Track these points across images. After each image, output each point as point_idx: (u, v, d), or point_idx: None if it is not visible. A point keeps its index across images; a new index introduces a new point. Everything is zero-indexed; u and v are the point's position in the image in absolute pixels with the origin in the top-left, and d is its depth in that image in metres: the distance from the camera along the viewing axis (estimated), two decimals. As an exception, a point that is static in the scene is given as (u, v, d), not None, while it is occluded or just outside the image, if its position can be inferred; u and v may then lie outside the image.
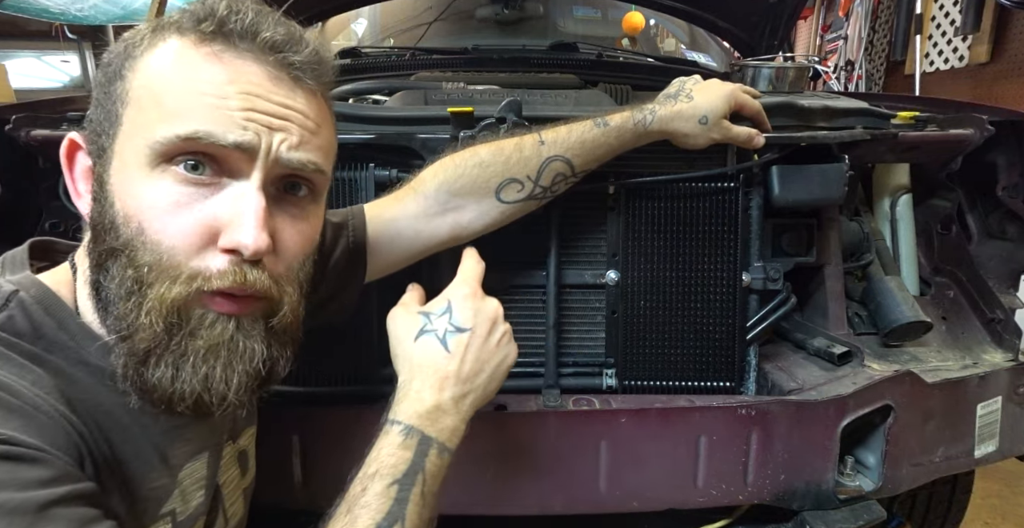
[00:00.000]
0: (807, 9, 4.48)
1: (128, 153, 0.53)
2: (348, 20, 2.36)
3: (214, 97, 0.52)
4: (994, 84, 3.00)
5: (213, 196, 0.53)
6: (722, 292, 1.04)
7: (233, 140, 0.52)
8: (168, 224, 0.52)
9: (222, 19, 0.53)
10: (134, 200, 0.52)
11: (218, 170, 0.54)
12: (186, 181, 0.52)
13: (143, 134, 0.52)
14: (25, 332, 0.53)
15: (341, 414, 0.93)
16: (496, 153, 0.87)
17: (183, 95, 0.52)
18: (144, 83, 0.53)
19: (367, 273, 0.85)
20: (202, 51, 0.53)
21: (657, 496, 0.96)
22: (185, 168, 0.52)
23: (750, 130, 0.95)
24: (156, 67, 0.54)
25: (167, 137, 0.51)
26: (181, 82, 0.52)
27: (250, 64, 0.54)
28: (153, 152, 0.52)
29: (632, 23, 2.16)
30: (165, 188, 0.52)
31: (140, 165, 0.52)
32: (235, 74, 0.53)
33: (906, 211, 1.27)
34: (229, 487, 0.72)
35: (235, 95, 0.53)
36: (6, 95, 4.78)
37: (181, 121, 0.51)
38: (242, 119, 0.53)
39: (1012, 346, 1.16)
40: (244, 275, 0.53)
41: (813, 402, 0.95)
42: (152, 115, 0.52)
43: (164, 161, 0.52)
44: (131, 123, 0.53)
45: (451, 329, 0.68)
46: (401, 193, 0.87)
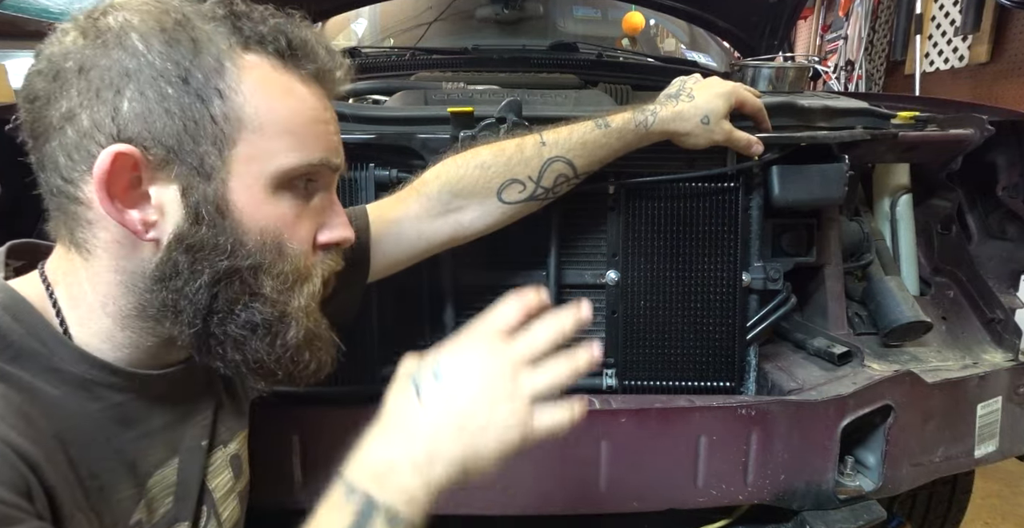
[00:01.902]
0: (807, 9, 4.48)
1: (250, 177, 0.56)
2: (348, 20, 2.36)
3: (322, 124, 0.60)
4: (994, 84, 3.00)
5: (310, 203, 0.61)
6: (722, 292, 1.04)
7: (337, 163, 0.62)
8: (296, 234, 0.59)
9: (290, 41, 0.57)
10: (267, 219, 0.57)
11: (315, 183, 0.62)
12: (301, 195, 0.60)
13: (271, 160, 0.56)
14: None
15: (341, 414, 0.93)
16: (497, 154, 0.87)
17: (303, 126, 0.58)
18: (262, 109, 0.55)
19: (370, 273, 0.85)
20: (293, 77, 0.58)
21: (657, 496, 0.96)
22: (303, 185, 0.60)
23: (750, 136, 0.95)
24: (267, 93, 0.56)
25: (299, 165, 0.57)
26: (298, 112, 0.57)
27: (319, 86, 0.60)
28: (283, 177, 0.57)
29: (632, 23, 2.16)
30: (287, 204, 0.58)
31: (265, 187, 0.57)
32: (321, 100, 0.60)
33: (906, 211, 1.27)
34: (222, 491, 0.71)
35: (330, 120, 0.61)
36: (6, 95, 4.77)
37: (306, 151, 0.58)
38: (337, 142, 0.62)
39: (1012, 346, 1.16)
40: (339, 259, 0.67)
41: (813, 402, 0.95)
42: (280, 143, 0.56)
43: (287, 183, 0.58)
44: (252, 147, 0.55)
45: (428, 375, 0.56)
46: (403, 194, 0.87)
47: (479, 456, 0.54)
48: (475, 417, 0.54)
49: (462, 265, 1.01)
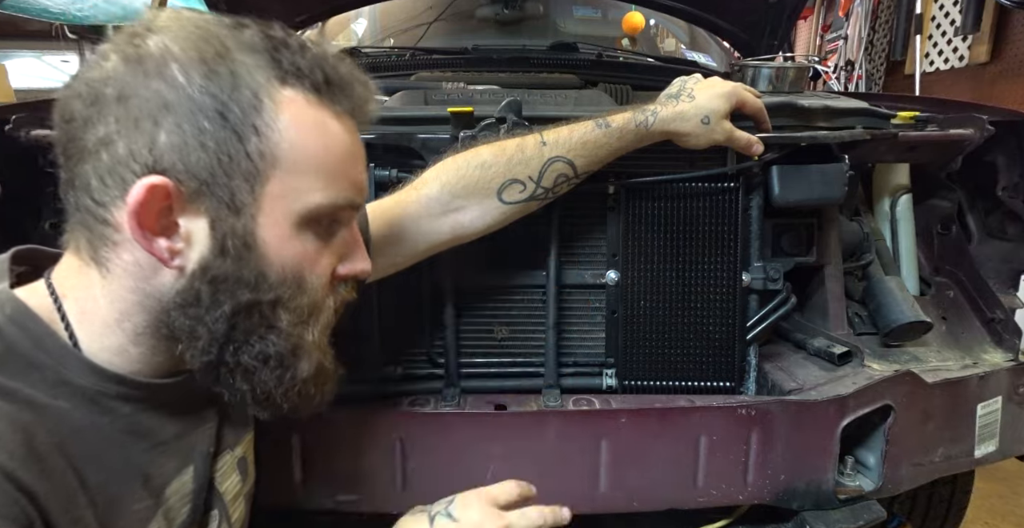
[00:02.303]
0: (807, 9, 4.47)
1: (278, 213, 0.56)
2: (348, 20, 2.36)
3: (351, 161, 0.61)
4: (994, 84, 3.00)
5: (332, 238, 0.62)
6: (722, 292, 1.04)
7: (360, 202, 0.63)
8: (316, 270, 0.61)
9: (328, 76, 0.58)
10: (292, 254, 0.58)
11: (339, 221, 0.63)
12: (322, 233, 0.60)
13: (298, 198, 0.57)
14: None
15: (341, 414, 0.93)
16: (498, 154, 0.87)
17: (333, 164, 0.58)
18: (295, 147, 0.55)
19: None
20: (326, 113, 0.58)
21: (657, 496, 0.96)
22: (326, 223, 0.60)
23: (750, 136, 0.95)
24: (300, 130, 0.55)
25: (326, 205, 0.58)
26: (329, 150, 0.58)
27: (350, 121, 0.61)
28: (310, 216, 0.58)
29: (632, 23, 2.16)
30: (312, 241, 0.59)
31: (291, 223, 0.57)
32: (352, 135, 0.61)
33: (906, 211, 1.27)
34: (231, 494, 0.72)
35: (359, 156, 0.62)
36: (6, 95, 4.77)
37: (335, 190, 0.59)
38: (362, 181, 0.63)
39: (1012, 346, 1.16)
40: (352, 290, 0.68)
41: (813, 402, 0.95)
42: (309, 182, 0.57)
43: (313, 219, 0.58)
44: (284, 185, 0.55)
45: (443, 513, 0.69)
46: (403, 193, 0.87)
47: None
48: None
49: (462, 265, 1.01)
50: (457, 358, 1.05)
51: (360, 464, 0.93)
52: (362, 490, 0.93)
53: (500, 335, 1.06)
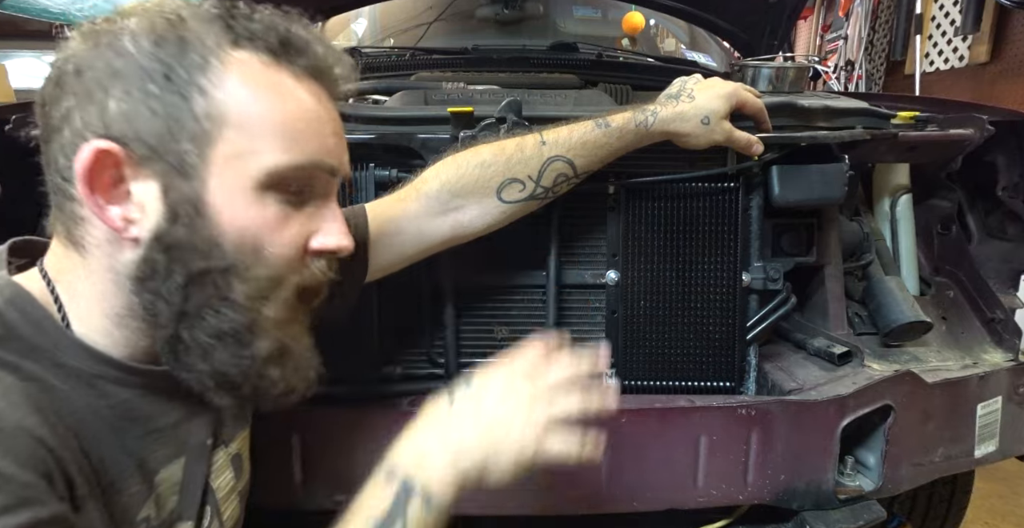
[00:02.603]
0: (807, 9, 4.47)
1: (233, 176, 0.54)
2: (348, 20, 2.36)
3: (316, 123, 0.58)
4: (994, 84, 3.00)
5: (304, 208, 0.59)
6: (722, 292, 1.04)
7: (331, 165, 0.60)
8: (278, 238, 0.57)
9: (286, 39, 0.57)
10: (247, 220, 0.55)
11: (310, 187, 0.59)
12: (290, 201, 0.57)
13: (255, 159, 0.55)
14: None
15: (341, 414, 0.93)
16: (497, 153, 0.87)
17: (293, 124, 0.56)
18: (244, 106, 0.54)
19: (368, 272, 0.85)
20: (284, 73, 0.57)
21: (657, 496, 0.96)
22: (294, 190, 0.57)
23: (750, 136, 0.95)
24: (251, 90, 0.54)
25: (288, 166, 0.56)
26: (285, 109, 0.56)
27: (317, 85, 0.59)
28: (269, 178, 0.55)
29: (632, 23, 2.16)
30: (273, 208, 0.56)
31: (248, 188, 0.55)
32: (317, 98, 0.58)
33: (906, 211, 1.27)
34: (224, 491, 0.71)
35: (328, 121, 0.59)
36: (6, 95, 4.77)
37: (298, 151, 0.56)
38: (335, 146, 0.60)
39: (1012, 346, 1.16)
40: (328, 271, 0.63)
41: (813, 402, 0.95)
42: (265, 142, 0.55)
43: (275, 184, 0.56)
44: (235, 145, 0.54)
45: (463, 387, 0.65)
46: (403, 192, 0.87)
47: (497, 463, 0.60)
48: (495, 429, 0.61)
49: (462, 265, 1.01)
50: (457, 358, 1.05)
51: (360, 464, 0.92)
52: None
53: (500, 335, 1.06)
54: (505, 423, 0.61)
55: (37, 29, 6.62)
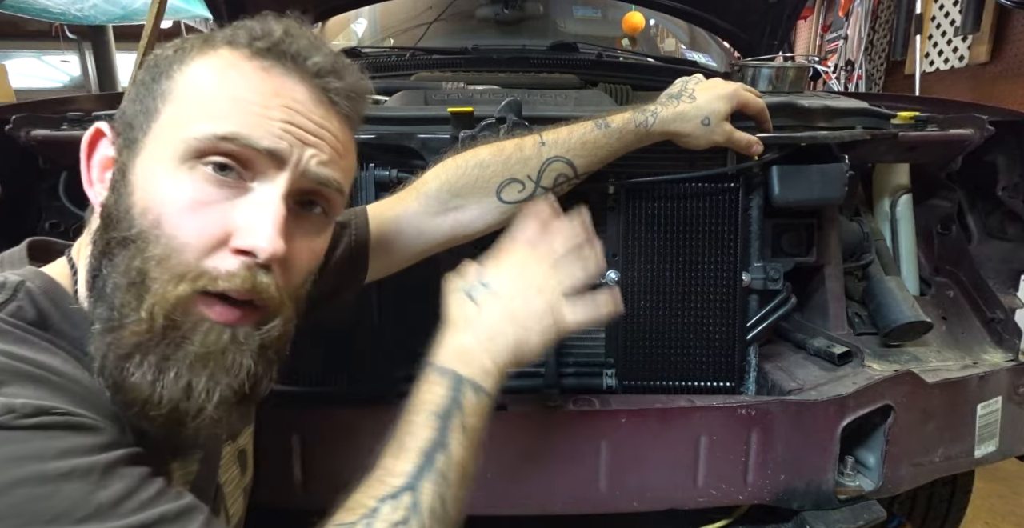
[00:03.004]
0: (807, 9, 4.47)
1: (160, 146, 0.54)
2: (348, 20, 2.36)
3: (257, 106, 0.54)
4: (994, 84, 3.00)
5: (235, 199, 0.54)
6: (722, 292, 1.04)
7: (267, 146, 0.54)
8: (186, 220, 0.52)
9: (277, 40, 0.57)
10: (156, 193, 0.53)
11: (244, 175, 0.55)
12: (212, 181, 0.53)
13: (180, 129, 0.53)
14: (34, 322, 0.53)
15: (341, 414, 0.94)
16: (496, 153, 0.87)
17: (227, 99, 0.54)
18: (190, 83, 0.55)
19: (368, 272, 0.85)
20: (252, 64, 0.56)
21: (657, 496, 0.96)
22: (214, 169, 0.53)
23: (750, 137, 0.95)
24: (205, 71, 0.56)
25: (204, 134, 0.52)
26: (228, 87, 0.55)
27: (296, 83, 0.57)
28: (187, 147, 0.53)
29: (632, 23, 2.16)
30: (190, 184, 0.53)
31: (169, 158, 0.53)
32: (280, 88, 0.56)
33: (906, 211, 1.27)
34: (230, 486, 0.72)
35: (277, 107, 0.55)
36: (6, 95, 4.78)
37: (221, 122, 0.53)
38: (280, 129, 0.55)
39: (1012, 346, 1.16)
40: (253, 278, 0.53)
41: (813, 402, 0.95)
42: (193, 113, 0.54)
43: (194, 158, 0.53)
44: (169, 118, 0.55)
45: (477, 285, 0.69)
46: (403, 193, 0.88)
47: (528, 340, 0.67)
48: (519, 310, 0.67)
49: (462, 265, 1.01)
50: (457, 358, 1.05)
51: (360, 464, 0.93)
52: (362, 490, 0.93)
53: (500, 335, 1.06)
54: (526, 306, 0.67)
55: (37, 29, 6.64)
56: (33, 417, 0.46)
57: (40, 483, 0.44)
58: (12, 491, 0.43)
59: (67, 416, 0.47)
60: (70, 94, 5.39)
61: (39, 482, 0.44)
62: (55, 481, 0.44)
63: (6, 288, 0.54)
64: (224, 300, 0.53)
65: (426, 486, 0.57)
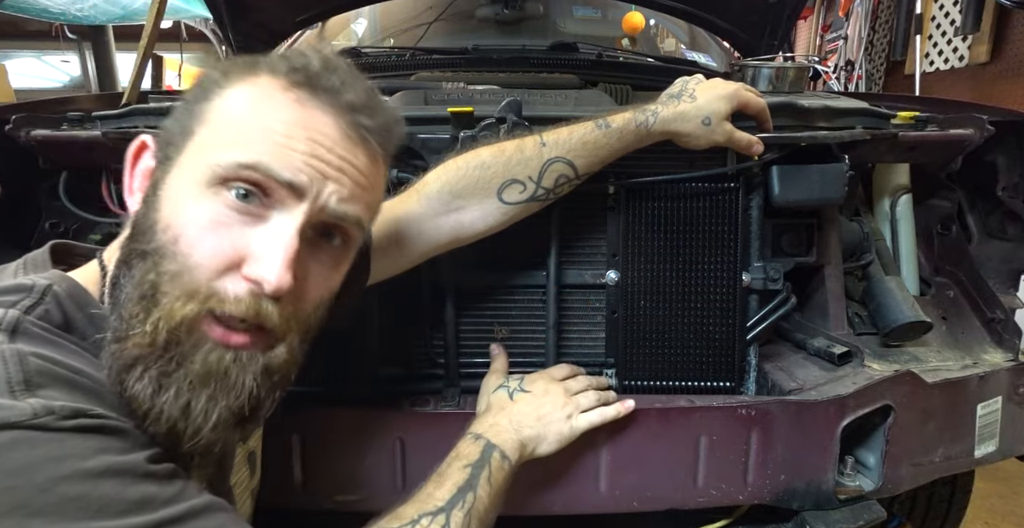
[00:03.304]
0: (807, 9, 4.48)
1: (189, 167, 0.56)
2: (348, 20, 2.36)
3: (282, 136, 0.55)
4: (994, 84, 3.00)
5: (253, 226, 0.55)
6: (722, 292, 1.04)
7: (288, 178, 0.55)
8: (202, 240, 0.54)
9: (315, 73, 0.58)
10: (180, 211, 0.55)
11: (266, 202, 0.55)
12: (232, 206, 0.55)
13: (209, 154, 0.55)
14: (60, 325, 0.55)
15: (341, 414, 0.94)
16: (497, 154, 0.87)
17: (256, 128, 0.56)
18: (225, 109, 0.57)
19: (371, 275, 0.85)
20: (287, 95, 0.57)
21: (657, 496, 0.96)
22: (236, 195, 0.54)
23: (751, 137, 0.95)
24: (241, 98, 0.58)
25: (229, 161, 0.54)
26: (257, 116, 0.56)
27: (326, 116, 0.58)
28: (212, 173, 0.54)
29: (632, 23, 2.16)
30: (211, 207, 0.54)
31: (196, 181, 0.55)
32: (308, 121, 0.57)
33: (906, 211, 1.27)
34: (239, 488, 0.72)
35: (302, 139, 0.56)
36: (6, 95, 4.77)
37: (245, 150, 0.54)
38: (302, 162, 0.56)
39: (1012, 346, 1.16)
40: (258, 307, 0.54)
41: (813, 402, 0.95)
42: (222, 139, 0.56)
43: (219, 183, 0.54)
44: (201, 141, 0.57)
45: (518, 389, 0.92)
46: (404, 195, 0.88)
47: (547, 435, 0.87)
48: (543, 413, 0.88)
49: (462, 265, 1.01)
50: (457, 358, 1.05)
51: (360, 464, 0.93)
52: (362, 490, 0.93)
53: (500, 335, 1.06)
54: (549, 408, 0.88)
55: (37, 29, 6.63)
56: (72, 419, 0.47)
57: (80, 481, 0.45)
58: (53, 489, 0.44)
59: (101, 419, 0.49)
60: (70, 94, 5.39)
61: (79, 480, 0.45)
62: (94, 479, 0.46)
63: (34, 292, 0.55)
64: (229, 323, 0.54)
65: (456, 514, 0.71)
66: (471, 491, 0.74)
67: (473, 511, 0.72)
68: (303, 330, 0.60)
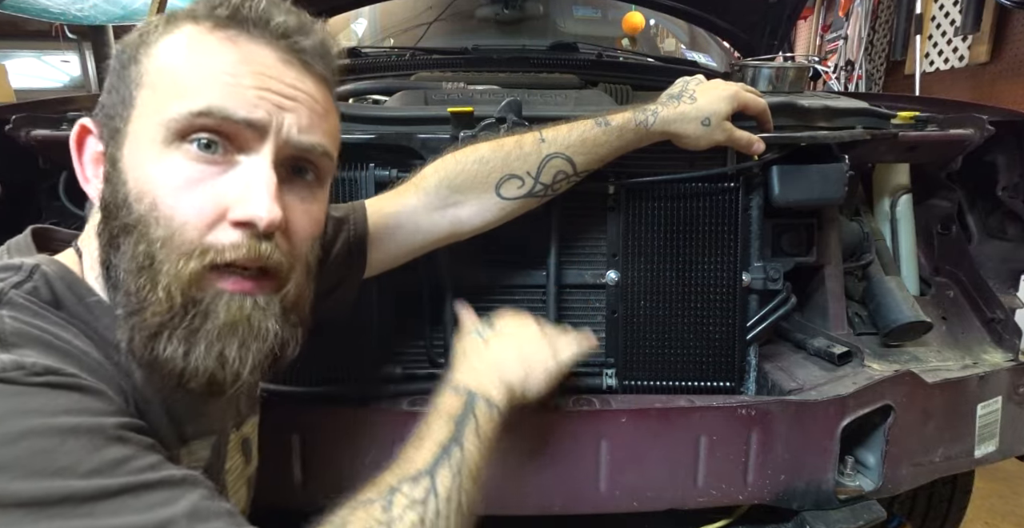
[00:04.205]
0: (807, 9, 4.48)
1: (142, 132, 0.54)
2: (348, 20, 2.36)
3: (228, 75, 0.54)
4: (994, 84, 3.00)
5: (225, 173, 0.55)
6: (722, 292, 1.04)
7: (244, 116, 0.54)
8: (180, 200, 0.53)
9: (236, 6, 0.56)
10: (147, 177, 0.54)
11: (230, 148, 0.55)
12: (199, 159, 0.54)
13: (157, 113, 0.54)
14: (49, 302, 0.55)
15: (341, 414, 0.93)
16: (496, 149, 0.87)
17: (197, 74, 0.54)
18: (159, 65, 0.55)
19: (367, 267, 0.85)
20: (217, 35, 0.55)
21: (657, 496, 0.96)
22: (198, 146, 0.53)
23: (751, 135, 0.95)
24: (171, 50, 0.55)
25: (181, 113, 0.53)
26: (196, 63, 0.54)
27: (263, 48, 0.56)
28: (167, 130, 0.53)
29: (632, 23, 2.16)
30: (178, 165, 0.53)
31: (154, 142, 0.54)
32: (248, 55, 0.55)
33: (906, 211, 1.27)
34: (233, 474, 0.72)
35: (248, 74, 0.55)
36: (6, 95, 4.77)
37: (195, 98, 0.53)
38: (254, 97, 0.54)
39: (1012, 346, 1.16)
40: (257, 247, 0.54)
41: (813, 402, 0.95)
42: (167, 94, 0.54)
43: (177, 139, 0.53)
44: (145, 104, 0.55)
45: (486, 329, 0.81)
46: (402, 188, 0.88)
47: (531, 377, 0.77)
48: (524, 352, 0.78)
49: (462, 265, 1.01)
50: (457, 358, 1.05)
51: (360, 464, 0.93)
52: (362, 490, 0.93)
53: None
54: (531, 347, 0.79)
55: (37, 29, 6.63)
56: (42, 375, 0.47)
57: (46, 435, 0.44)
58: (18, 442, 0.44)
59: (75, 377, 0.48)
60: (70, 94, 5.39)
61: (45, 434, 0.44)
62: (61, 434, 0.45)
63: (23, 270, 0.55)
64: (236, 271, 0.55)
65: (443, 473, 0.62)
66: (457, 447, 0.65)
67: (463, 468, 0.63)
68: (303, 266, 0.61)
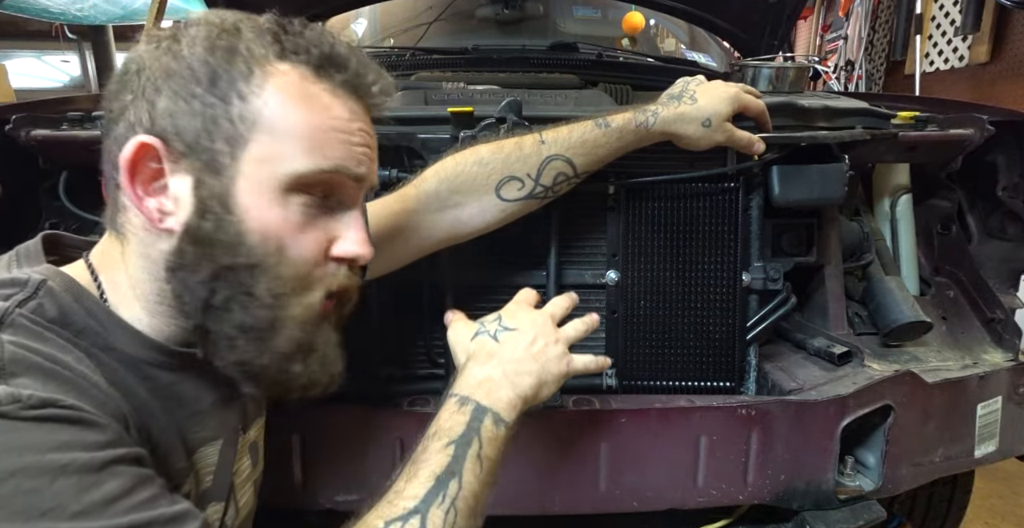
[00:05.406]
0: (807, 9, 4.48)
1: (263, 176, 0.57)
2: (348, 20, 2.36)
3: (344, 134, 0.60)
4: (994, 84, 3.00)
5: (330, 215, 0.62)
6: (722, 292, 1.04)
7: (357, 174, 0.61)
8: (301, 241, 0.59)
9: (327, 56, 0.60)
10: (272, 221, 0.58)
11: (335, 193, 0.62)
12: (316, 205, 0.60)
13: (282, 163, 0.57)
14: (54, 319, 0.55)
15: (341, 414, 0.93)
16: (496, 151, 0.88)
17: (320, 131, 0.58)
18: (277, 113, 0.57)
19: (368, 269, 0.85)
20: (321, 87, 0.59)
21: (657, 496, 0.96)
22: (319, 194, 0.60)
23: (752, 136, 0.95)
24: (286, 99, 0.57)
25: (311, 170, 0.58)
26: (316, 119, 0.58)
27: (356, 103, 0.62)
28: (296, 181, 0.58)
29: (632, 23, 2.16)
30: (298, 210, 0.59)
31: (274, 189, 0.57)
32: (352, 113, 0.61)
33: (906, 211, 1.27)
34: (240, 477, 0.73)
35: (356, 132, 0.61)
36: (6, 95, 4.77)
37: (323, 157, 0.58)
38: (360, 154, 0.62)
39: (1012, 346, 1.16)
40: (354, 276, 0.65)
41: (813, 402, 0.95)
42: (292, 147, 0.57)
43: (300, 190, 0.58)
44: (264, 149, 0.57)
45: (500, 329, 0.76)
46: (403, 190, 0.88)
47: (548, 379, 0.74)
48: (536, 351, 0.74)
49: (462, 265, 1.01)
50: (457, 358, 1.05)
51: (360, 464, 0.93)
52: (362, 490, 0.93)
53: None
54: (543, 342, 0.75)
55: (37, 29, 6.63)
56: (38, 409, 0.47)
57: (36, 475, 0.45)
58: (6, 481, 0.44)
59: (72, 410, 0.48)
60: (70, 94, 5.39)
61: (35, 474, 0.45)
62: (51, 473, 0.45)
63: (28, 286, 0.55)
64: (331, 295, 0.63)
65: (435, 512, 0.60)
66: (455, 479, 0.61)
67: (458, 505, 0.60)
68: None
